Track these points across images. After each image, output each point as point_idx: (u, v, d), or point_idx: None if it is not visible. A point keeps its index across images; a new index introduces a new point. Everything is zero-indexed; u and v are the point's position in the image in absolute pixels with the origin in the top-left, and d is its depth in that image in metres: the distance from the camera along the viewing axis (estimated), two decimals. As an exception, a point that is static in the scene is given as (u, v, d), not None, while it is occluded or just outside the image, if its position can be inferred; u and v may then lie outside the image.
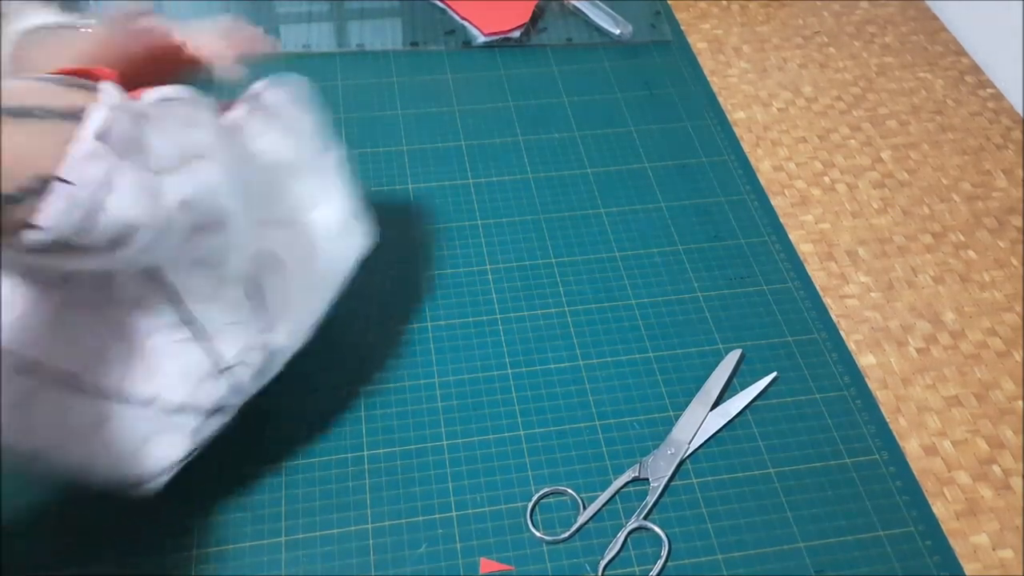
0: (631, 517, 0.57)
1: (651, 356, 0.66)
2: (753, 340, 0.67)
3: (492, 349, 0.66)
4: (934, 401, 0.65)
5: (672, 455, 0.60)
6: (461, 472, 0.59)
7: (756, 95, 0.89)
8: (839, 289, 0.72)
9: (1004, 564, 0.56)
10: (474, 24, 0.93)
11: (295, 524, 0.56)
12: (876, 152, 0.83)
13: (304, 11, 0.95)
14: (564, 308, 0.69)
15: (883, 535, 0.57)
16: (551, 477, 0.59)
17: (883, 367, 0.66)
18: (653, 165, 0.81)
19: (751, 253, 0.73)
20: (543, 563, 0.55)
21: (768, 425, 0.62)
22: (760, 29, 0.97)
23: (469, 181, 0.78)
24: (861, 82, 0.90)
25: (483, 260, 0.72)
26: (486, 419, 0.62)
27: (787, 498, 0.59)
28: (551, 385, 0.64)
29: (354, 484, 0.58)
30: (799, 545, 0.56)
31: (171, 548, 0.55)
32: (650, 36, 0.94)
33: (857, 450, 0.61)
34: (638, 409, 0.63)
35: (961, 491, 0.60)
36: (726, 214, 0.76)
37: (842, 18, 0.98)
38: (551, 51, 0.92)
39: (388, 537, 0.56)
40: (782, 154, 0.83)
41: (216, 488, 0.58)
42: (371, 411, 0.62)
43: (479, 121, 0.84)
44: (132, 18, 0.51)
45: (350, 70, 0.88)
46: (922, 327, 0.69)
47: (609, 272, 0.72)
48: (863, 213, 0.78)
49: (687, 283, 0.71)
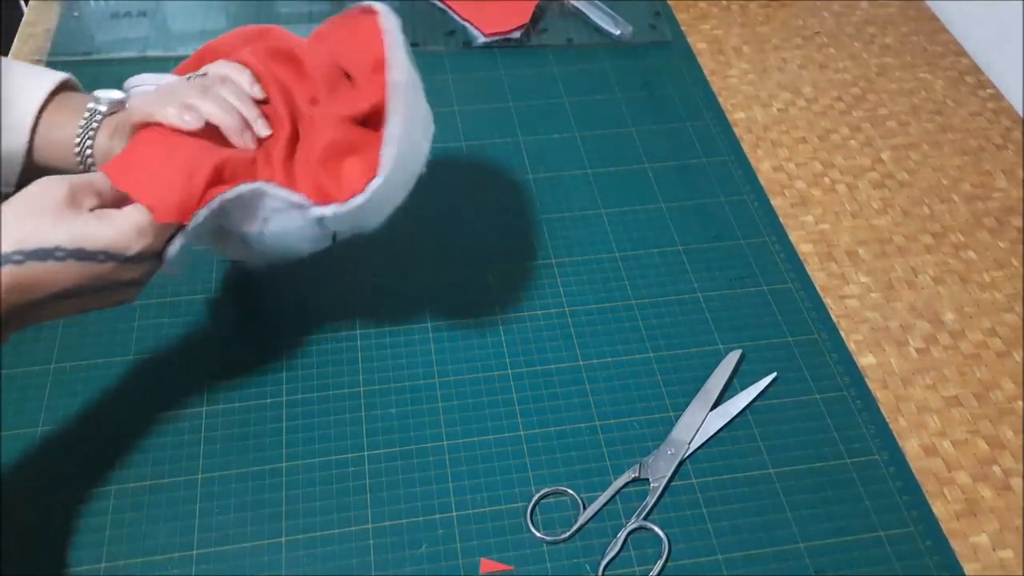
0: (631, 517, 0.57)
1: (651, 356, 0.66)
2: (753, 340, 0.67)
3: (492, 349, 0.66)
4: (934, 401, 0.65)
5: (672, 455, 0.60)
6: (461, 472, 0.59)
7: (756, 95, 0.89)
8: (839, 289, 0.72)
9: (1004, 564, 0.56)
10: (474, 24, 0.93)
11: (295, 524, 0.56)
12: (876, 152, 0.83)
13: (305, 11, 0.95)
14: (564, 308, 0.69)
15: (883, 535, 0.57)
16: (551, 477, 0.59)
17: (883, 367, 0.66)
18: (653, 165, 0.81)
19: (751, 253, 0.73)
20: (543, 563, 0.55)
21: (768, 425, 0.62)
22: (760, 29, 0.97)
23: (469, 181, 0.78)
24: (861, 82, 0.91)
25: (483, 260, 0.72)
26: (486, 419, 0.62)
27: (787, 498, 0.59)
28: (551, 385, 0.64)
29: (354, 484, 0.58)
30: (799, 545, 0.56)
31: (171, 548, 0.55)
32: (650, 36, 0.94)
33: (857, 450, 0.61)
34: (638, 409, 0.63)
35: (961, 491, 0.60)
36: (726, 214, 0.76)
37: (842, 18, 0.98)
38: (551, 51, 0.92)
39: (388, 537, 0.56)
40: (782, 154, 0.83)
41: (216, 488, 0.58)
42: (371, 411, 0.62)
43: (479, 121, 0.84)
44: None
45: (350, 70, 0.88)
46: (922, 327, 0.69)
47: (609, 272, 0.72)
48: (863, 213, 0.78)
49: (687, 283, 0.71)
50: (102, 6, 0.94)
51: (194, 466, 0.59)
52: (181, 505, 0.57)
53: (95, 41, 0.89)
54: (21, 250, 0.46)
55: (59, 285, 0.47)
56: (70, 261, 0.47)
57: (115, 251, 0.48)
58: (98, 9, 0.93)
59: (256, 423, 0.61)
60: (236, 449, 0.60)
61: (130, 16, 0.92)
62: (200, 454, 0.59)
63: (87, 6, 0.93)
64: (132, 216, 0.49)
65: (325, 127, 0.55)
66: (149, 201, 0.49)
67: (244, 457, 0.59)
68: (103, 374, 0.63)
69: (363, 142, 0.55)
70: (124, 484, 0.58)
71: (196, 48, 0.88)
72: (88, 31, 0.91)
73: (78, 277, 0.47)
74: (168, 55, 0.88)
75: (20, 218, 0.47)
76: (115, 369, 0.63)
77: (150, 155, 0.52)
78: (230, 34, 0.63)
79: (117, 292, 0.51)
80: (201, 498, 0.57)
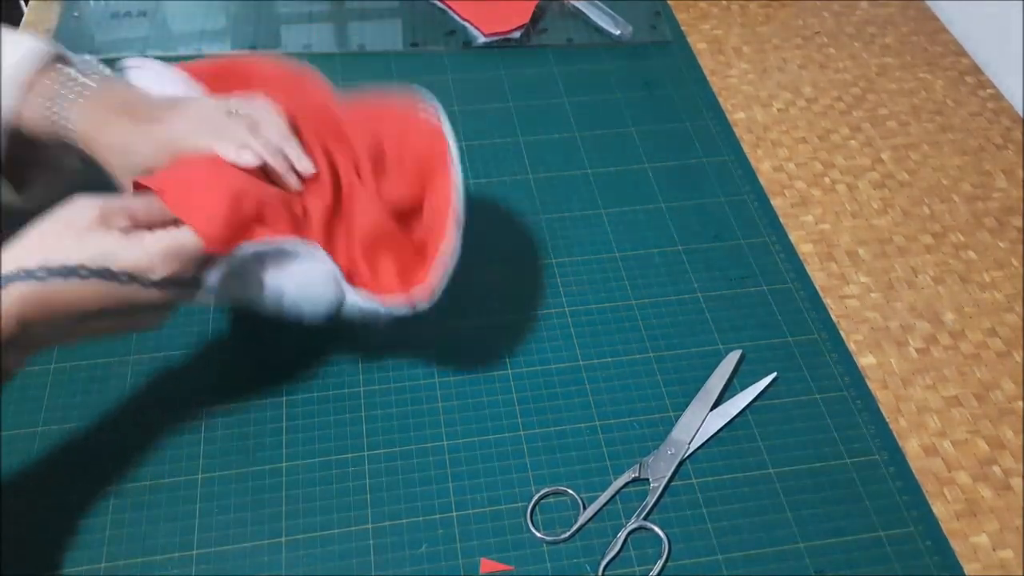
0: (631, 517, 0.57)
1: (651, 356, 0.66)
2: (753, 340, 0.67)
3: (492, 349, 0.66)
4: (934, 401, 0.65)
5: (672, 455, 0.60)
6: (461, 472, 0.59)
7: (756, 95, 0.89)
8: (839, 289, 0.72)
9: (1004, 564, 0.56)
10: (474, 25, 0.93)
11: (295, 524, 0.56)
12: (876, 153, 0.83)
13: (305, 11, 0.95)
14: (564, 308, 0.69)
15: (883, 535, 0.57)
16: (551, 477, 0.59)
17: (883, 367, 0.66)
18: (653, 165, 0.81)
19: (751, 253, 0.73)
20: (543, 563, 0.55)
21: (768, 425, 0.62)
22: (760, 29, 0.97)
23: (469, 181, 0.78)
24: (861, 82, 0.91)
25: (483, 260, 0.72)
26: (486, 419, 0.62)
27: (787, 498, 0.59)
28: (551, 385, 0.64)
29: (354, 484, 0.58)
30: (799, 545, 0.56)
31: (171, 548, 0.55)
32: (650, 36, 0.94)
33: (857, 450, 0.61)
34: (638, 409, 0.63)
35: (961, 491, 0.60)
36: (726, 214, 0.77)
37: (842, 18, 0.98)
38: (551, 51, 0.92)
39: (388, 537, 0.56)
40: (782, 154, 0.83)
41: (216, 488, 0.58)
42: (371, 411, 0.62)
43: (479, 121, 0.84)
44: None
45: (351, 70, 0.88)
46: (922, 327, 0.69)
47: (609, 272, 0.72)
48: (863, 213, 0.78)
49: (687, 283, 0.71)
50: (102, 6, 0.94)
51: (194, 466, 0.59)
52: (181, 505, 0.57)
53: (95, 41, 0.89)
54: (45, 267, 0.46)
55: (81, 305, 0.47)
56: (93, 280, 0.46)
57: (139, 273, 0.48)
58: (98, 9, 0.93)
59: (256, 423, 0.61)
60: (236, 449, 0.60)
61: (130, 16, 0.93)
62: (200, 454, 0.59)
63: (87, 6, 0.93)
64: (162, 240, 0.49)
65: (370, 205, 0.56)
66: (199, 226, 0.49)
67: (244, 457, 0.59)
68: (103, 374, 0.63)
69: (398, 237, 0.57)
70: (124, 484, 0.58)
71: (196, 48, 0.89)
72: (88, 31, 0.91)
73: (101, 297, 0.47)
74: (168, 55, 0.88)
75: (46, 236, 0.47)
76: (115, 369, 0.63)
77: (197, 179, 0.52)
78: (260, 62, 0.63)
79: (141, 317, 0.51)
80: (201, 498, 0.57)
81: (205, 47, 0.90)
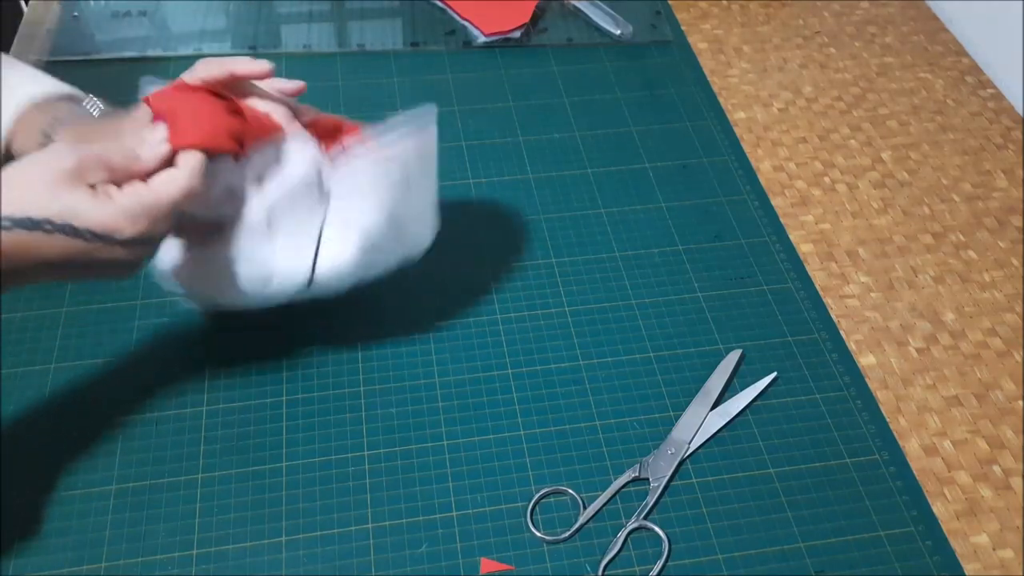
0: (631, 517, 0.57)
1: (651, 356, 0.66)
2: (753, 340, 0.67)
3: (492, 349, 0.66)
4: (934, 401, 0.65)
5: (672, 455, 0.60)
6: (461, 472, 0.59)
7: (756, 95, 0.89)
8: (839, 289, 0.72)
9: (1004, 564, 0.56)
10: (474, 24, 0.93)
11: (295, 524, 0.56)
12: (876, 152, 0.83)
13: (305, 11, 0.95)
14: (564, 308, 0.69)
15: (883, 535, 0.57)
16: (551, 477, 0.59)
17: (883, 367, 0.66)
18: (653, 165, 0.81)
19: (751, 253, 0.73)
20: (543, 563, 0.55)
21: (768, 425, 0.62)
22: (760, 29, 0.97)
23: (469, 181, 0.78)
24: (861, 82, 0.91)
25: (483, 260, 0.72)
26: (486, 419, 0.62)
27: (787, 498, 0.59)
28: (551, 385, 0.64)
29: (354, 484, 0.58)
30: (799, 545, 0.56)
31: (171, 548, 0.55)
32: (650, 36, 0.94)
33: (857, 450, 0.61)
34: (638, 409, 0.63)
35: (961, 491, 0.60)
36: (726, 214, 0.76)
37: (842, 18, 0.98)
38: (551, 51, 0.92)
39: (388, 537, 0.56)
40: (782, 154, 0.83)
41: (216, 488, 0.58)
42: (371, 411, 0.62)
43: (479, 121, 0.84)
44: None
45: (351, 70, 0.88)
46: (922, 327, 0.69)
47: (609, 272, 0.72)
48: (863, 213, 0.78)
49: (687, 283, 0.71)
50: (102, 6, 0.94)
51: (194, 466, 0.59)
52: (181, 505, 0.57)
53: (95, 41, 0.89)
54: (10, 216, 0.45)
55: (44, 256, 0.47)
56: (57, 235, 0.46)
57: (104, 232, 0.47)
58: (98, 9, 0.93)
59: (256, 423, 0.61)
60: (236, 449, 0.60)
61: (130, 16, 0.92)
62: (200, 454, 0.59)
63: (87, 6, 0.93)
64: (131, 198, 0.48)
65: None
66: (183, 124, 0.51)
67: (244, 457, 0.59)
68: (103, 374, 0.63)
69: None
70: (124, 484, 0.58)
71: (196, 48, 0.89)
72: (88, 31, 0.91)
73: (65, 251, 0.47)
74: (168, 55, 0.88)
75: (15, 183, 0.47)
76: (115, 369, 0.63)
77: (187, 96, 0.54)
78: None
79: (107, 269, 0.50)
80: (201, 498, 0.57)
81: (205, 47, 0.90)
